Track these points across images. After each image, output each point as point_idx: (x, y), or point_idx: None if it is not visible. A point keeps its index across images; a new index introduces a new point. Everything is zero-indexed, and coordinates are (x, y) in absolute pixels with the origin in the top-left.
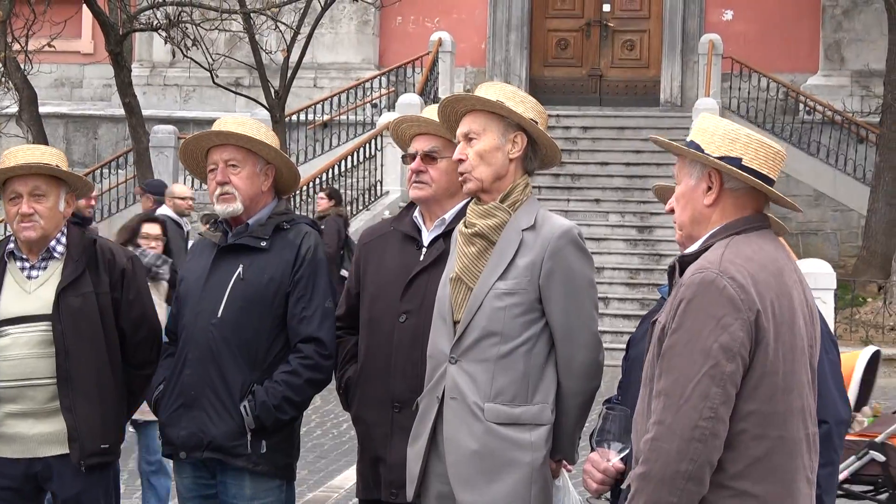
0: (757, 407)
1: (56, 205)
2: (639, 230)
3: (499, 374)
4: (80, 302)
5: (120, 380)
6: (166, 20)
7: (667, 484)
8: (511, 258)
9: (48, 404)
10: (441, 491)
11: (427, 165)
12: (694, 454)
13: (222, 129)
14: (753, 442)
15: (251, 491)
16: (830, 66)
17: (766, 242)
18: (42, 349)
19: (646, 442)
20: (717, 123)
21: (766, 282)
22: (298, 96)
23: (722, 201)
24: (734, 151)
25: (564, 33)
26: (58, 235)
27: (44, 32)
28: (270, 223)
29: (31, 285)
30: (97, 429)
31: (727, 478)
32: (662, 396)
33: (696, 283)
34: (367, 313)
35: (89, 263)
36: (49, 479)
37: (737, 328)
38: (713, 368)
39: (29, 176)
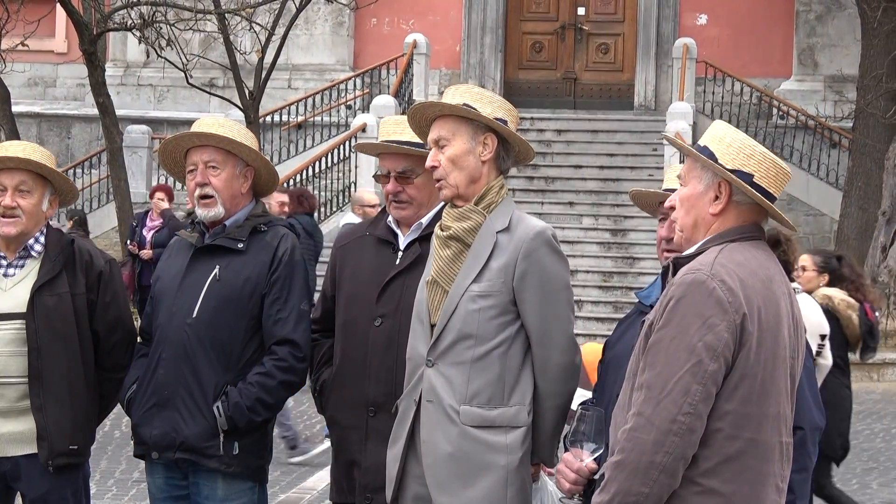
0: (734, 407)
1: (39, 203)
2: (612, 233)
3: (474, 377)
4: (55, 301)
5: (92, 382)
6: (140, 20)
7: (640, 474)
8: (485, 260)
9: (18, 403)
10: (418, 493)
11: (403, 185)
12: (670, 447)
13: (203, 131)
14: (727, 441)
15: (223, 492)
16: (804, 70)
17: (759, 252)
18: (14, 347)
19: (623, 432)
20: (734, 135)
21: (755, 288)
22: (273, 97)
23: (727, 212)
24: (747, 167)
25: (539, 36)
26: (37, 234)
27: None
28: (248, 225)
29: (7, 283)
30: (67, 429)
31: (698, 474)
32: (644, 389)
33: (687, 282)
34: (342, 316)
35: (67, 264)
36: (17, 479)
37: (722, 329)
38: (696, 366)
39: (16, 170)
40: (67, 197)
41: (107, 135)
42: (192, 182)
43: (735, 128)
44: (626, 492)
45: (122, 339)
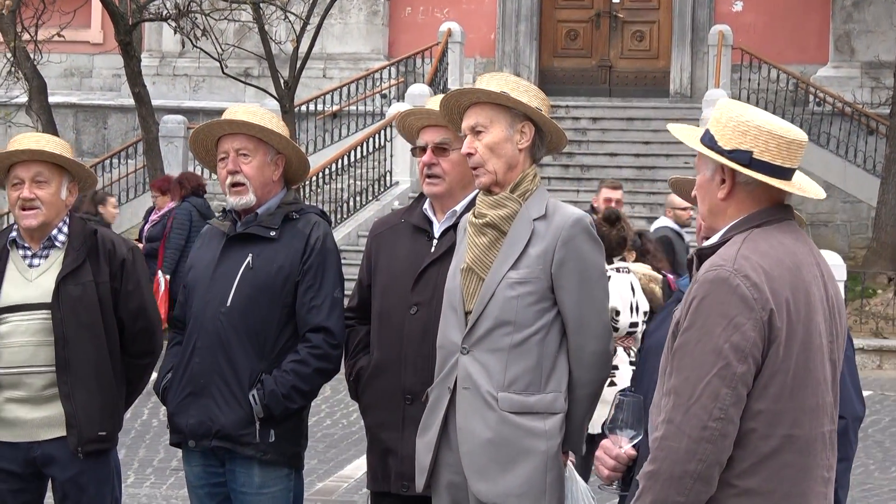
0: (766, 406)
1: (58, 192)
2: (648, 221)
3: (512, 363)
4: (80, 291)
5: (118, 369)
6: (176, 10)
7: (675, 483)
8: (523, 247)
9: (46, 391)
10: (452, 481)
11: (438, 157)
12: (702, 454)
13: (234, 119)
14: (761, 441)
15: (260, 479)
16: (840, 57)
17: (785, 236)
18: (41, 337)
19: (655, 440)
20: (729, 114)
21: (782, 278)
22: (308, 87)
23: (735, 195)
24: (745, 144)
25: (574, 24)
26: (59, 224)
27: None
28: (279, 212)
29: (33, 273)
30: (95, 416)
31: (734, 476)
32: (672, 395)
33: (710, 280)
34: (378, 305)
35: (90, 253)
36: (48, 464)
37: (749, 328)
38: (724, 369)
39: (32, 162)
40: (86, 183)
41: (143, 125)
42: (223, 170)
43: (738, 103)
44: (662, 502)
45: (147, 326)
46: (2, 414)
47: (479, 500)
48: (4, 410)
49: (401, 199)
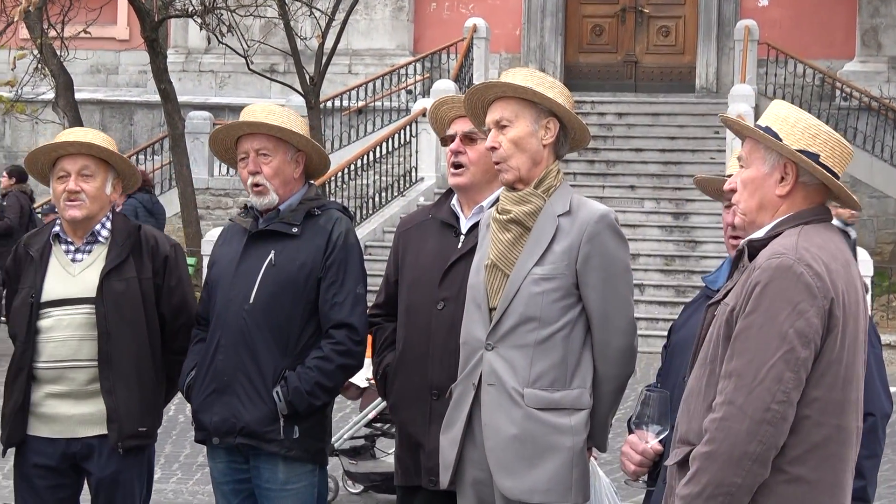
0: (821, 394)
1: (103, 186)
2: (674, 216)
3: (537, 360)
4: (124, 286)
5: (159, 365)
6: (201, 6)
7: (733, 464)
8: (548, 244)
9: (88, 386)
10: (477, 477)
11: (466, 147)
12: (763, 436)
13: (252, 119)
14: (814, 428)
15: (284, 475)
16: (867, 52)
17: (833, 234)
18: (85, 332)
19: (713, 421)
20: (797, 115)
21: (838, 272)
22: (333, 82)
23: (793, 193)
24: (813, 147)
25: (599, 19)
26: (103, 220)
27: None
28: (301, 209)
29: (76, 268)
30: (136, 412)
31: (785, 462)
32: (734, 377)
33: (773, 267)
34: (405, 301)
35: (133, 249)
36: (87, 459)
37: (812, 315)
38: (788, 353)
39: (78, 156)
40: (130, 181)
41: (169, 121)
42: (244, 170)
43: (795, 106)
44: (719, 483)
45: (187, 323)
46: (41, 409)
47: (504, 496)
48: (44, 405)
49: (426, 194)
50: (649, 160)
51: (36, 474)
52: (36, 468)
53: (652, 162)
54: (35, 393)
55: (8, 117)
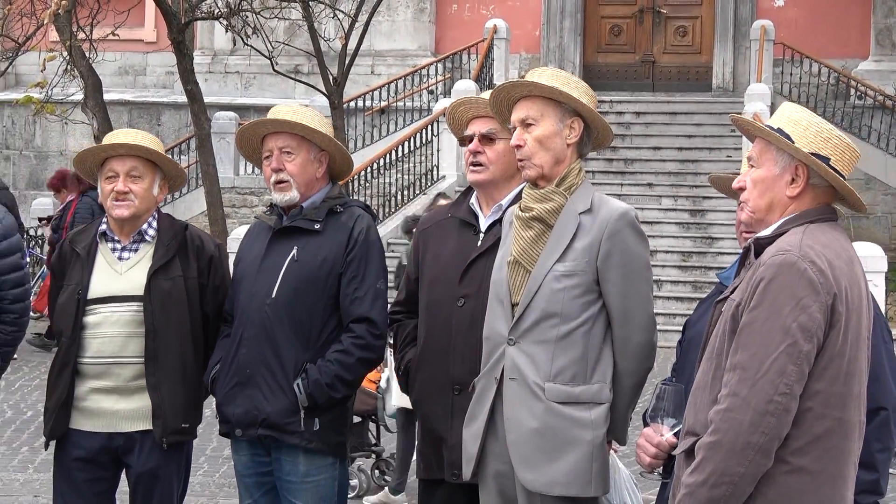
0: (823, 387)
1: (150, 187)
2: (691, 214)
3: (559, 355)
4: (170, 285)
5: (202, 362)
6: (227, 9)
7: (737, 454)
8: (569, 241)
9: (133, 382)
10: (499, 470)
11: (484, 147)
12: (766, 427)
13: (277, 118)
14: (816, 421)
15: (305, 468)
16: (881, 51)
17: (837, 233)
18: (132, 329)
19: (717, 412)
20: (809, 118)
21: (841, 269)
22: (356, 83)
23: (803, 194)
24: (825, 150)
25: (617, 20)
26: (149, 219)
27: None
28: (324, 206)
29: (122, 266)
30: (179, 408)
31: (788, 453)
32: (738, 370)
33: (778, 263)
34: (426, 298)
35: (179, 249)
36: (128, 453)
37: (815, 310)
38: (791, 347)
39: (127, 157)
40: (177, 181)
41: (195, 121)
42: (268, 168)
43: (807, 109)
44: (723, 472)
45: None
46: (85, 403)
47: (525, 488)
48: (88, 400)
49: (447, 192)
50: (667, 158)
51: (76, 467)
52: (76, 461)
53: (669, 160)
54: (79, 388)
55: (38, 118)
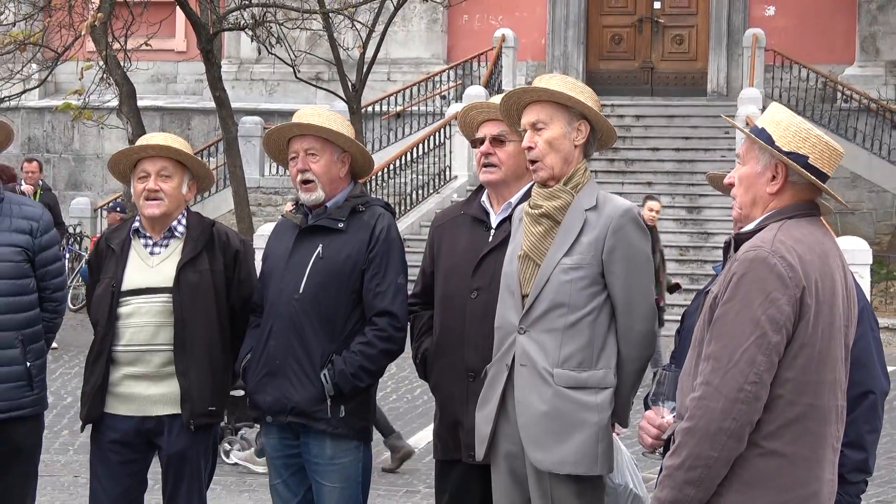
0: (794, 375)
1: (179, 186)
2: (688, 210)
3: (566, 342)
4: (198, 278)
5: (228, 350)
6: (252, 20)
7: (710, 439)
8: (576, 236)
9: (163, 368)
10: (510, 451)
11: (495, 148)
12: (737, 414)
13: (302, 122)
14: (788, 406)
15: (331, 451)
16: (866, 57)
17: (815, 228)
18: (162, 319)
19: (692, 400)
20: (790, 119)
21: (812, 263)
22: (373, 89)
23: (783, 191)
24: (803, 149)
25: (618, 29)
26: (178, 217)
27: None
28: (347, 206)
29: (154, 261)
30: (206, 392)
31: (760, 437)
32: (711, 360)
33: (749, 259)
34: (440, 290)
35: (207, 244)
36: (159, 435)
37: (784, 303)
38: (760, 338)
39: (158, 158)
40: (205, 181)
41: (223, 126)
42: (294, 168)
43: (790, 111)
44: (697, 455)
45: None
46: (119, 389)
47: (535, 468)
48: (122, 386)
49: (459, 191)
50: (665, 159)
51: (111, 449)
52: (111, 443)
53: (667, 160)
54: (113, 374)
55: (76, 123)
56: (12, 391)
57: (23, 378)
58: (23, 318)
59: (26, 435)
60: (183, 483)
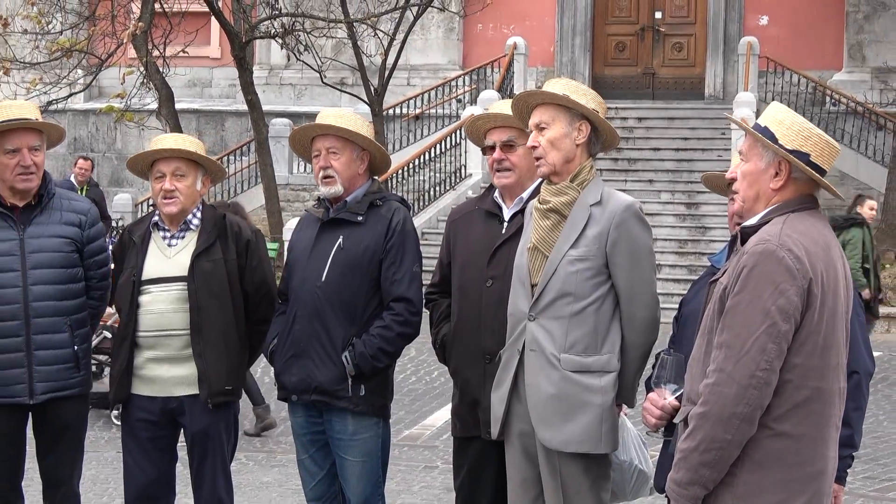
0: (801, 361)
1: (193, 184)
2: (686, 206)
3: (572, 329)
4: (212, 266)
5: (243, 333)
6: (282, 29)
7: (724, 423)
8: (581, 229)
9: (182, 351)
10: (522, 429)
11: (507, 154)
12: (749, 399)
13: (324, 122)
14: (795, 391)
15: (353, 427)
16: (853, 63)
17: (816, 221)
18: (178, 305)
19: (706, 386)
20: (792, 118)
21: (818, 254)
22: (394, 93)
23: (785, 187)
24: (805, 147)
25: (622, 37)
26: (194, 210)
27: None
28: (365, 200)
29: (171, 251)
30: (222, 373)
31: (770, 419)
32: (724, 348)
33: (759, 252)
34: (458, 280)
35: (220, 235)
36: (182, 414)
37: (792, 293)
38: (771, 327)
39: (172, 158)
40: (217, 177)
41: (255, 127)
42: (316, 165)
43: (790, 110)
44: (712, 439)
45: (267, 297)
46: (143, 371)
47: (544, 446)
48: (146, 368)
49: (474, 188)
50: (665, 158)
51: (140, 427)
52: (139, 422)
53: (668, 159)
54: (137, 357)
55: (119, 125)
56: (62, 372)
57: (70, 360)
58: (71, 304)
59: (73, 413)
60: (207, 458)
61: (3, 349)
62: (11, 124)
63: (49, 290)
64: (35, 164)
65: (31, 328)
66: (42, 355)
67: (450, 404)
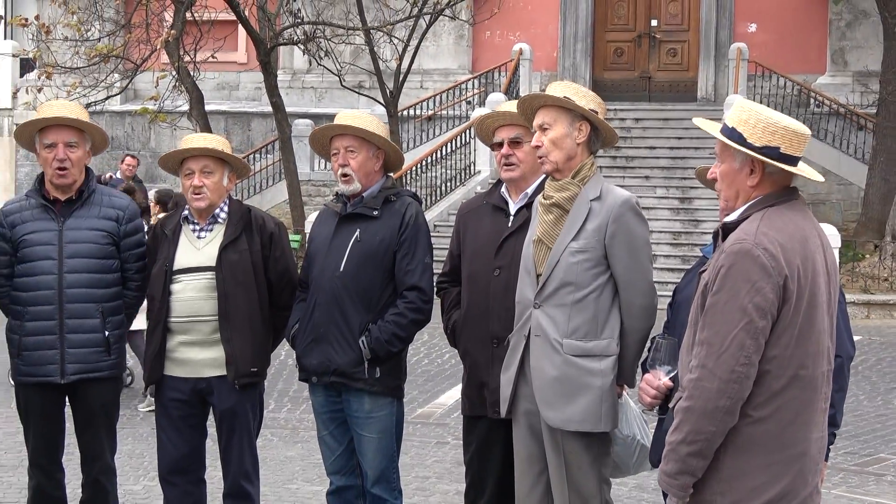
0: (778, 352)
1: (220, 180)
2: (680, 201)
3: (574, 316)
4: (237, 257)
5: (267, 318)
6: (304, 36)
7: (708, 416)
8: (582, 223)
9: (211, 336)
10: (528, 409)
11: (514, 150)
12: (730, 392)
13: (342, 123)
14: (773, 380)
15: (369, 407)
16: (836, 68)
17: (794, 214)
18: (207, 293)
19: (690, 381)
20: (757, 116)
21: (794, 249)
22: (408, 95)
23: (763, 182)
24: (773, 141)
25: (620, 43)
26: (221, 205)
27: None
28: (380, 196)
29: (200, 243)
30: (248, 356)
31: (750, 408)
32: (705, 345)
33: (735, 252)
34: (467, 270)
35: (245, 227)
36: (210, 394)
37: (768, 291)
38: (748, 324)
39: (201, 156)
40: (243, 173)
41: (279, 127)
42: (335, 163)
43: (753, 103)
44: (697, 431)
45: (289, 285)
46: (175, 354)
47: (548, 425)
48: (178, 351)
49: (482, 184)
50: (660, 156)
51: (172, 406)
52: (172, 401)
53: (663, 157)
54: (169, 342)
55: (153, 125)
56: (92, 355)
57: (101, 345)
58: (104, 293)
59: (105, 393)
60: (235, 435)
61: (38, 331)
62: (50, 120)
63: (82, 279)
64: (70, 159)
65: (63, 313)
66: (73, 338)
67: (460, 385)
